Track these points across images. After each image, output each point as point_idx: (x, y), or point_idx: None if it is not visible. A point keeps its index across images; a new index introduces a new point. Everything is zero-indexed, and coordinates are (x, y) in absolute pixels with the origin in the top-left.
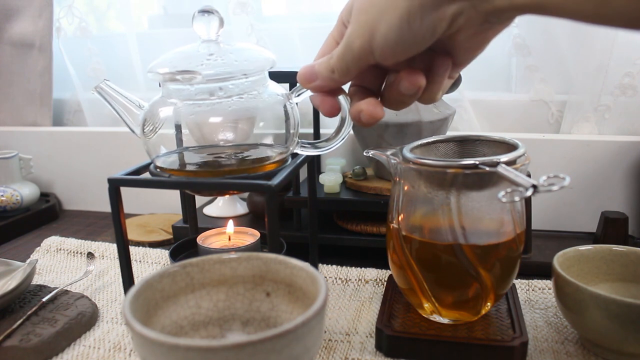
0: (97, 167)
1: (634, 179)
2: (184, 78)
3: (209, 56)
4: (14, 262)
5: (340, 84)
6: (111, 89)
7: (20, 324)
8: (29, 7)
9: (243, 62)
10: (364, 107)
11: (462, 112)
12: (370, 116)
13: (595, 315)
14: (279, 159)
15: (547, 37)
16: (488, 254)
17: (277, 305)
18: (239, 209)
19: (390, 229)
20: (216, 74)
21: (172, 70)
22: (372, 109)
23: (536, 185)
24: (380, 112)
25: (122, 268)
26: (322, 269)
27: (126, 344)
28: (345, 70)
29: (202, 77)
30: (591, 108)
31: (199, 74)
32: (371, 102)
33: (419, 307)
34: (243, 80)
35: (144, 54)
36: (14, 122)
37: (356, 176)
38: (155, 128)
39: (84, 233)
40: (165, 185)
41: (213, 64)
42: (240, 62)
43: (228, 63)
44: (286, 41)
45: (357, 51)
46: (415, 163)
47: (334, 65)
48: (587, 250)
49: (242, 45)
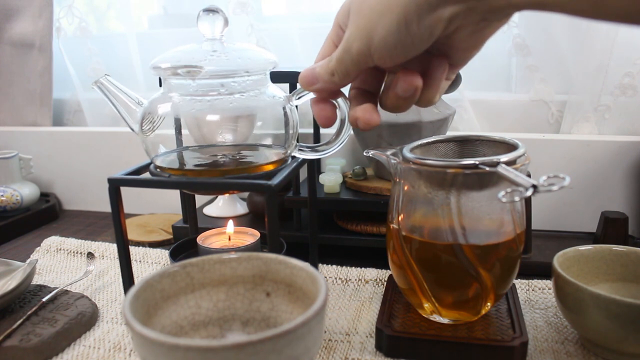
0: (97, 167)
1: (634, 179)
2: (187, 73)
3: (212, 52)
4: (14, 262)
5: (341, 86)
6: (111, 84)
7: (20, 324)
8: (29, 7)
9: (246, 60)
10: (359, 115)
11: (462, 112)
12: (366, 123)
13: (595, 315)
14: (279, 159)
15: (547, 37)
16: (488, 254)
17: (277, 305)
18: (239, 209)
19: (390, 229)
20: (219, 70)
21: (175, 65)
22: (368, 117)
23: (536, 185)
24: (375, 119)
25: (122, 268)
26: (322, 269)
27: (126, 344)
28: (345, 73)
29: (205, 72)
30: (591, 108)
31: (202, 69)
32: (367, 109)
33: (419, 307)
34: (245, 78)
35: (144, 54)
36: (14, 122)
37: (356, 176)
38: (154, 125)
39: (84, 233)
40: (165, 185)
41: (216, 60)
42: (244, 60)
43: (231, 60)
44: (286, 41)
45: (356, 54)
46: (415, 163)
47: (333, 68)
48: (587, 250)
49: (244, 46)
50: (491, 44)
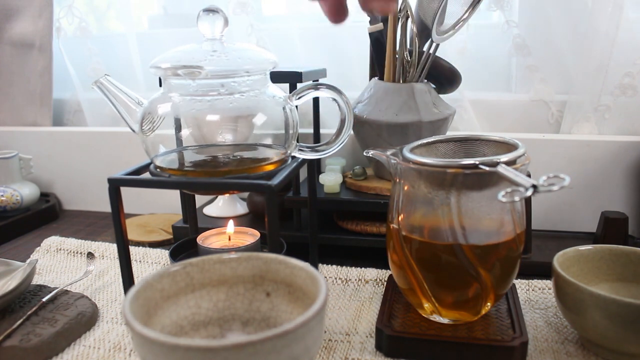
0: (97, 167)
1: (634, 179)
2: (187, 73)
3: (212, 52)
4: (14, 262)
5: None
6: (111, 84)
7: (20, 324)
8: (29, 7)
9: (246, 60)
10: None
11: (462, 112)
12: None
13: (595, 315)
14: (279, 159)
15: (547, 37)
16: (488, 254)
17: (277, 305)
18: (239, 209)
19: (390, 229)
20: (219, 70)
21: (175, 65)
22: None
23: (536, 185)
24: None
25: (122, 268)
26: (322, 269)
27: (126, 344)
28: None
29: (205, 72)
30: (591, 108)
31: (202, 69)
32: None
33: (419, 307)
34: (245, 79)
35: (144, 54)
36: (14, 122)
37: (356, 176)
38: (153, 125)
39: (84, 233)
40: (165, 185)
41: (216, 60)
42: (244, 60)
43: (231, 60)
44: (286, 41)
45: None
46: (415, 163)
47: None
48: (587, 250)
49: (244, 46)
50: (491, 43)
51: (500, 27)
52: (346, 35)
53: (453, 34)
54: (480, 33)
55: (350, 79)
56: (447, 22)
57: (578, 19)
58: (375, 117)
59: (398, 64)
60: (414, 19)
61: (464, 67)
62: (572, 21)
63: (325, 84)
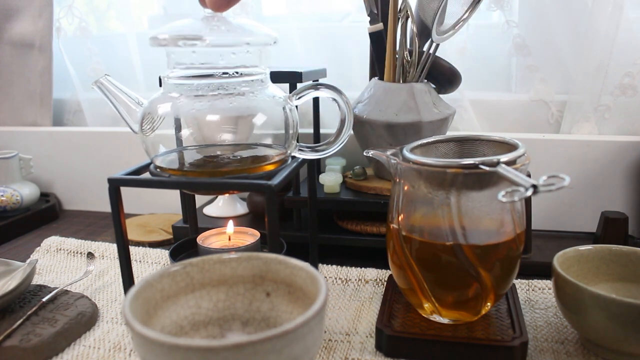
0: (97, 167)
1: (634, 179)
2: (187, 43)
3: (213, 25)
4: (14, 262)
5: None
6: (111, 84)
7: (20, 324)
8: (29, 7)
9: (247, 31)
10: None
11: (462, 112)
12: None
13: (595, 315)
14: (279, 159)
15: (547, 37)
16: (488, 254)
17: (277, 305)
18: (239, 209)
19: (390, 229)
20: (220, 40)
21: (175, 35)
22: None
23: (536, 185)
24: None
25: (122, 268)
26: (322, 269)
27: (126, 344)
28: None
29: (207, 42)
30: (591, 108)
31: (203, 39)
32: None
33: (419, 307)
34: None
35: (144, 54)
36: (14, 122)
37: (356, 176)
38: (153, 125)
39: (84, 233)
40: (165, 185)
41: (217, 32)
42: (244, 31)
43: (232, 31)
44: (286, 41)
45: None
46: (415, 163)
47: None
48: (587, 250)
49: (244, 20)
50: (491, 44)
51: (500, 27)
52: (346, 35)
53: (453, 34)
54: (480, 33)
55: (350, 79)
56: (447, 22)
57: (578, 19)
58: (375, 117)
59: (398, 64)
60: (414, 19)
61: (464, 67)
62: (572, 21)
63: (325, 83)
